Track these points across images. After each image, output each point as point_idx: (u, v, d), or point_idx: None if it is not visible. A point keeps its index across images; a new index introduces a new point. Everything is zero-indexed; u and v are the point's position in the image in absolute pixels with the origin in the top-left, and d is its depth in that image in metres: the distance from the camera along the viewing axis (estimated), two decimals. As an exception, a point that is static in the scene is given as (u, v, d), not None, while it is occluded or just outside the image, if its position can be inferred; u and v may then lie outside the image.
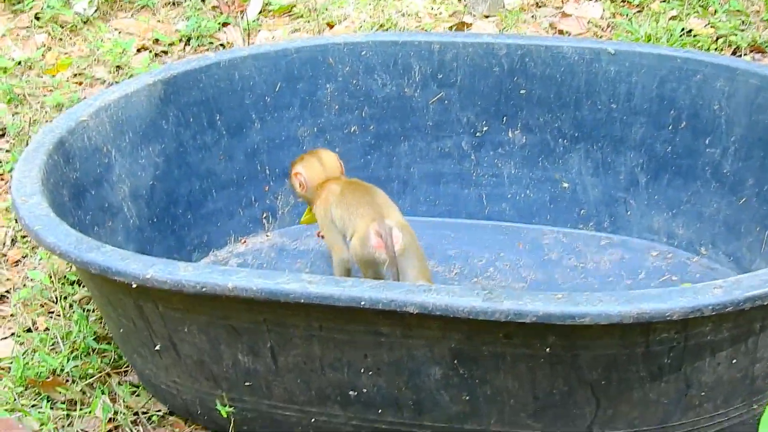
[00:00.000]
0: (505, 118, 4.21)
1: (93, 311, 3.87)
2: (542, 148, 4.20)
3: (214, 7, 5.83)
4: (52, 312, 3.90)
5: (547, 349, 2.74)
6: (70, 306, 3.90)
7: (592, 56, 4.07)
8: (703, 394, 2.86)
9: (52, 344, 3.70)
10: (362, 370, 2.90)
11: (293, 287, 2.74)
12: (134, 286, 2.88)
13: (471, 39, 4.19)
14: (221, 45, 5.64)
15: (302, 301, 2.74)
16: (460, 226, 4.27)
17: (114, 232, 3.77)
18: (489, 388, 2.85)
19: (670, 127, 4.01)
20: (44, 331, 3.79)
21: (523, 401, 2.86)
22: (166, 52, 5.60)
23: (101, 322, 3.81)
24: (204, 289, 2.80)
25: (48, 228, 3.09)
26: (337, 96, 4.26)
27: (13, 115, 4.96)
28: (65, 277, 4.04)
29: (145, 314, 3.05)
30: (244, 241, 4.24)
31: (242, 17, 5.69)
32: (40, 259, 4.18)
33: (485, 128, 4.23)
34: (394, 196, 4.27)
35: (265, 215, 4.28)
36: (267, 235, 4.27)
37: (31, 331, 3.80)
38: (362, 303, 2.70)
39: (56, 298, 3.96)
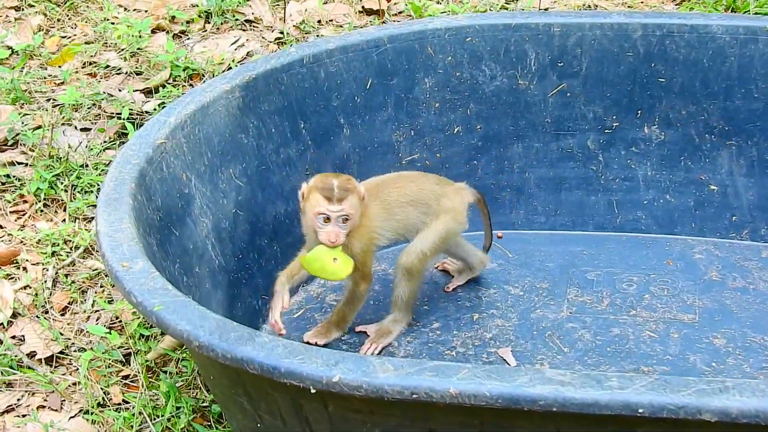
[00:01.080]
0: (639, 112, 3.56)
1: (179, 374, 3.17)
2: (685, 145, 3.57)
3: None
4: (126, 377, 3.19)
5: None
6: (149, 369, 3.19)
7: (746, 36, 3.44)
8: None
9: (140, 425, 2.99)
10: (606, 479, 2.26)
11: (542, 392, 2.09)
12: (313, 391, 2.19)
13: (599, 20, 3.52)
14: (247, 21, 4.87)
15: (555, 409, 2.08)
16: (588, 240, 3.63)
17: (201, 279, 3.08)
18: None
19: (843, 117, 3.41)
20: (122, 405, 3.08)
21: None
22: (185, 32, 4.81)
23: (191, 388, 3.12)
24: (416, 396, 2.12)
25: (173, 309, 2.38)
26: (438, 92, 3.57)
27: (22, 118, 4.16)
28: (132, 328, 3.32)
29: (304, 414, 2.38)
30: (336, 270, 3.55)
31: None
32: (93, 305, 3.45)
33: (616, 124, 3.59)
34: (506, 207, 3.66)
35: (357, 237, 3.58)
36: (362, 261, 3.57)
37: (105, 406, 3.09)
38: (640, 411, 2.06)
39: (127, 358, 3.25)
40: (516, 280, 3.46)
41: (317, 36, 4.74)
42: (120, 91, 4.38)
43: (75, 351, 3.29)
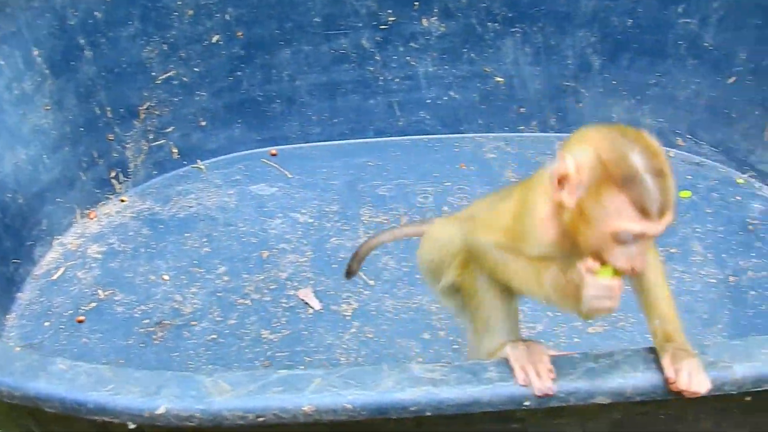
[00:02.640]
0: (416, 3, 3.24)
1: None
2: (467, 36, 3.29)
3: None
4: None
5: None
6: None
7: None
8: None
9: None
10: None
11: (413, 396, 1.78)
12: (132, 427, 1.79)
13: None
14: None
15: (429, 413, 1.78)
16: (371, 148, 3.32)
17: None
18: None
19: (629, -5, 3.22)
20: None
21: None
22: None
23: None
24: (262, 419, 1.77)
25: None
26: (190, -3, 3.11)
27: None
28: None
29: (115, 436, 1.96)
30: (93, 215, 3.08)
31: None
32: None
33: (391, 18, 3.25)
34: (278, 120, 3.31)
35: (113, 173, 3.13)
36: (122, 200, 3.13)
37: None
38: (526, 404, 1.79)
39: None
40: (301, 204, 3.12)
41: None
42: None
43: None
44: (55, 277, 2.90)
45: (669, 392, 1.79)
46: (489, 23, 3.25)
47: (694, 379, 1.78)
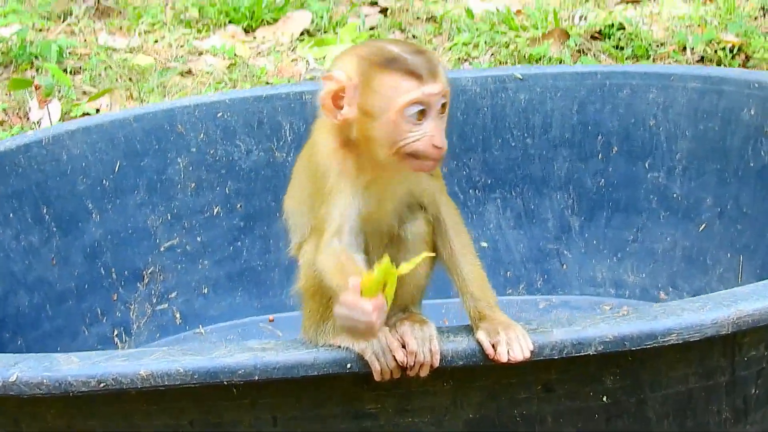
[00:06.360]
0: (401, 174, 3.48)
1: None
2: (450, 202, 3.49)
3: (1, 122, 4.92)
4: None
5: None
6: None
7: (496, 85, 3.43)
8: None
9: None
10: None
11: (240, 359, 1.88)
12: (-8, 396, 1.94)
13: (349, 83, 3.46)
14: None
15: (257, 377, 1.88)
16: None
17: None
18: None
19: (599, 156, 3.39)
20: None
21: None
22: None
23: None
24: (104, 385, 1.89)
25: None
26: (192, 171, 3.43)
27: None
28: None
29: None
30: (94, 367, 3.29)
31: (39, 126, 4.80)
32: None
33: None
34: (276, 288, 3.48)
35: (116, 332, 3.35)
36: (123, 356, 3.33)
37: None
38: (348, 366, 1.87)
39: None
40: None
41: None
42: None
43: None
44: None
45: (487, 359, 1.86)
46: (470, 190, 3.46)
47: (514, 346, 1.85)
